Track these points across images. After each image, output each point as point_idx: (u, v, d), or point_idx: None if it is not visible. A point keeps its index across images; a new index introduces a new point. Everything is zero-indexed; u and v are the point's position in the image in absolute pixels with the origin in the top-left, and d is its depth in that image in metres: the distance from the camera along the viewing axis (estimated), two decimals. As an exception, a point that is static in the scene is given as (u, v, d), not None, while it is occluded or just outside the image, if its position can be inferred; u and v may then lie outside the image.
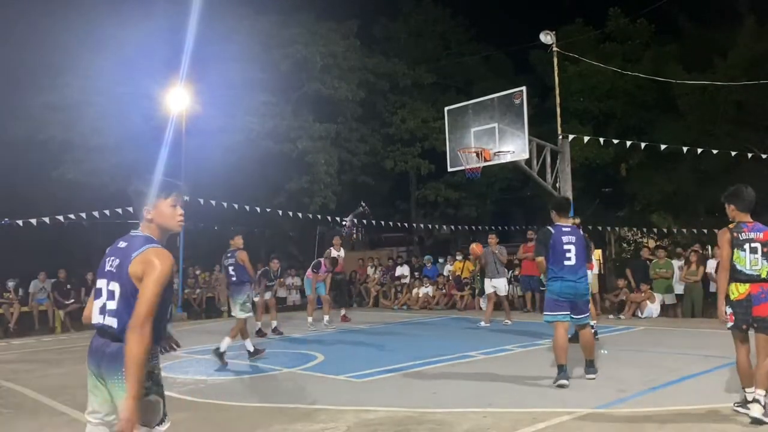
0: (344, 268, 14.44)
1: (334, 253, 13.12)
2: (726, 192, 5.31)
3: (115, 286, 2.77)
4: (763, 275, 4.95)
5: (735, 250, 4.99)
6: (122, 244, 2.87)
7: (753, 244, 4.97)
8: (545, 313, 6.81)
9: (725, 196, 5.29)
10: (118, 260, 2.80)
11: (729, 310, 5.02)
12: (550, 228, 6.83)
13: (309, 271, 13.03)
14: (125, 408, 2.57)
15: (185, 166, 16.39)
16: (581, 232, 6.96)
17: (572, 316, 6.66)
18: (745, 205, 5.15)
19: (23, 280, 15.25)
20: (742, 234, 5.02)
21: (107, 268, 2.84)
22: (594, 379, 6.69)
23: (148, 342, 2.63)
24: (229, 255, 8.96)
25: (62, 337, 13.37)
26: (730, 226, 5.11)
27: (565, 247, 6.61)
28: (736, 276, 4.99)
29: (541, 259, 6.77)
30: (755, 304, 4.92)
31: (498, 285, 12.09)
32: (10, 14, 16.09)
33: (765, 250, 4.98)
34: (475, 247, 12.49)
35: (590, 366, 6.80)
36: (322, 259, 12.91)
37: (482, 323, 11.92)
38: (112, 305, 2.77)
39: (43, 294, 15.01)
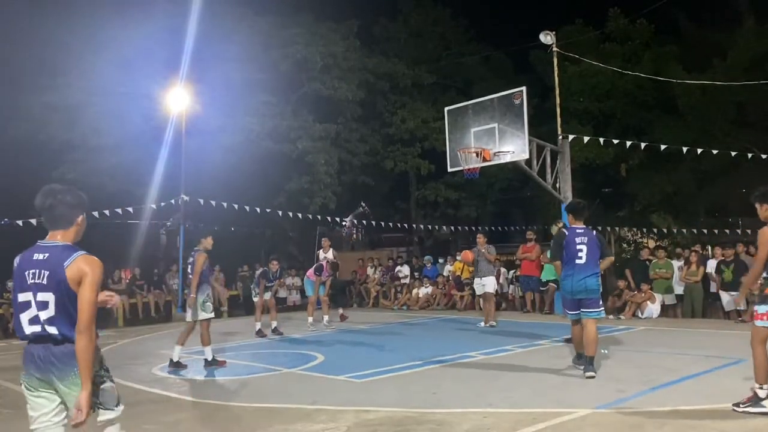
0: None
1: (321, 255, 13.10)
2: (756, 192, 5.24)
3: (48, 296, 2.94)
4: None
5: None
6: (41, 256, 3.00)
7: None
8: (564, 309, 7.51)
9: (756, 197, 5.22)
10: (46, 272, 2.96)
11: (764, 309, 4.98)
12: (564, 230, 7.38)
13: (310, 271, 13.02)
14: (81, 399, 2.86)
15: (185, 167, 16.39)
16: (594, 232, 7.37)
17: (582, 310, 7.08)
18: None
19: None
20: None
21: (30, 281, 2.97)
22: (594, 377, 6.77)
23: (95, 340, 2.93)
24: (192, 253, 8.60)
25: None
26: None
27: (578, 247, 7.07)
28: None
29: (558, 263, 7.30)
30: None
31: (487, 283, 11.97)
32: (11, 14, 16.10)
33: None
34: (468, 253, 12.50)
35: (590, 364, 6.90)
36: (322, 262, 12.89)
37: (482, 324, 11.92)
38: (47, 314, 2.94)
39: (42, 294, 15.00)
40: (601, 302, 7.25)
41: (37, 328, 2.97)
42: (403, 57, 23.88)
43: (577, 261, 7.03)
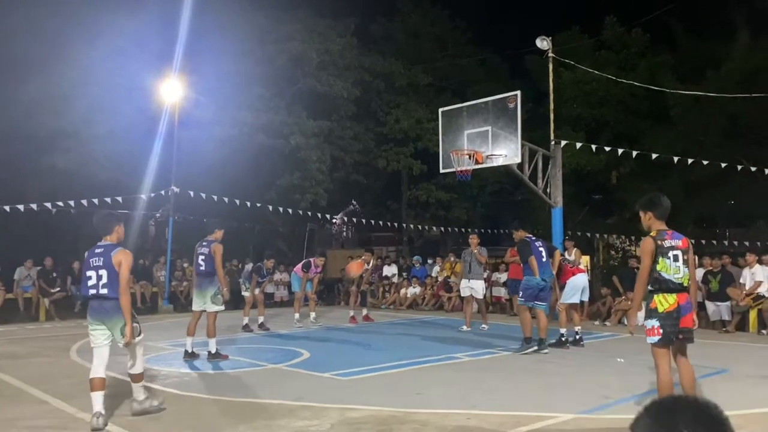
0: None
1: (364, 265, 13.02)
2: (642, 199, 5.15)
3: (104, 273, 5.20)
4: (685, 284, 4.88)
5: (660, 258, 4.83)
6: (99, 250, 5.31)
7: (675, 252, 4.85)
8: (521, 298, 9.09)
9: (641, 204, 5.10)
10: (101, 258, 5.24)
11: (656, 323, 4.83)
12: (526, 239, 9.12)
13: (298, 267, 13.00)
14: (127, 331, 5.18)
15: (176, 158, 16.31)
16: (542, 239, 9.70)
17: (536, 302, 8.91)
18: (663, 213, 5.02)
19: (9, 266, 15.09)
20: (666, 241, 4.88)
21: (93, 264, 5.26)
22: (548, 353, 8.62)
23: (130, 298, 5.28)
24: (204, 244, 8.51)
25: (46, 326, 13.28)
26: (653, 234, 4.93)
27: (540, 249, 9.04)
28: (664, 286, 4.83)
29: (533, 257, 8.88)
30: (683, 315, 4.86)
31: (475, 286, 11.84)
32: (2, 3, 15.93)
33: (685, 257, 4.89)
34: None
35: (543, 343, 8.82)
36: (312, 259, 12.89)
37: (464, 327, 11.85)
38: (103, 282, 5.18)
39: (28, 281, 14.85)
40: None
41: (96, 291, 5.20)
42: (400, 57, 23.87)
43: (542, 260, 8.96)
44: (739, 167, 14.94)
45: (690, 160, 14.55)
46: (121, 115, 16.83)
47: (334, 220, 19.56)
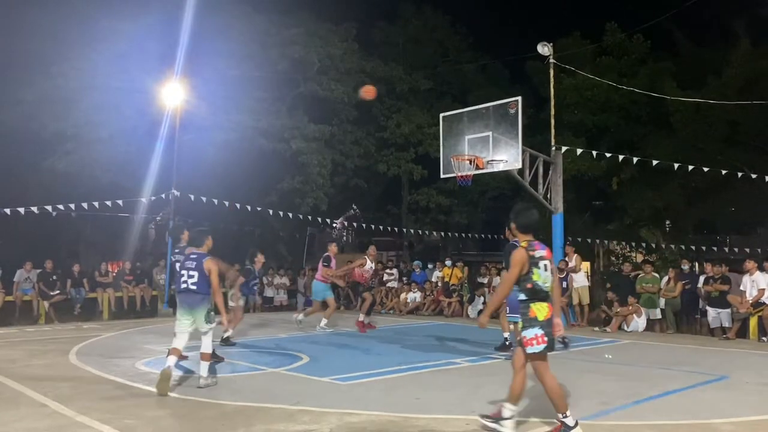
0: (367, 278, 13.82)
1: (368, 264, 12.81)
2: (513, 208, 5.24)
3: (194, 273, 6.70)
4: (550, 292, 4.97)
5: (534, 268, 4.87)
6: (194, 256, 6.87)
7: (544, 262, 4.93)
8: (512, 314, 8.27)
9: (511, 212, 5.19)
10: (195, 263, 6.76)
11: (539, 332, 4.85)
12: (514, 243, 7.98)
13: (319, 273, 12.23)
14: (224, 319, 7.93)
15: (177, 162, 16.32)
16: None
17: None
18: (527, 226, 5.10)
19: (9, 269, 15.09)
20: (536, 252, 4.93)
21: (187, 266, 6.79)
22: None
23: (222, 297, 7.12)
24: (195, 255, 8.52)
25: (45, 328, 13.26)
26: (524, 245, 4.97)
27: None
28: (539, 295, 4.88)
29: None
30: (554, 323, 4.95)
31: None
32: (4, 5, 15.98)
33: (552, 267, 4.99)
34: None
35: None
36: (328, 253, 12.42)
37: None
38: (193, 281, 6.70)
39: (28, 284, 14.84)
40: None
41: (186, 287, 6.70)
42: (401, 62, 23.92)
43: None
44: (740, 174, 14.95)
45: (690, 167, 14.55)
46: (123, 118, 16.86)
47: (334, 225, 19.52)
